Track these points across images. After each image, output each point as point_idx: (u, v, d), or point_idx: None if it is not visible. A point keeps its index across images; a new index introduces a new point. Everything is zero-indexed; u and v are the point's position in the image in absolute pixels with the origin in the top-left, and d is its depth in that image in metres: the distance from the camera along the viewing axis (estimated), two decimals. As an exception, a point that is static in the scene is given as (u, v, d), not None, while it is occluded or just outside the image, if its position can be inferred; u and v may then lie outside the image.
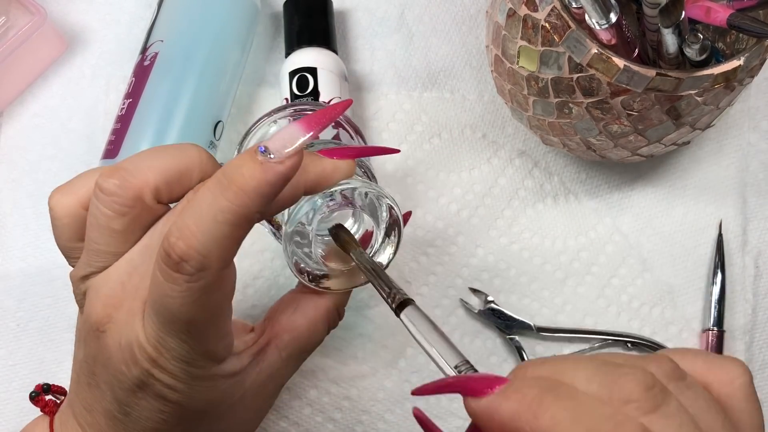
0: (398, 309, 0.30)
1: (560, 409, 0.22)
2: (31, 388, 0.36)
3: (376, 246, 0.36)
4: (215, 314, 0.29)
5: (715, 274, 0.47)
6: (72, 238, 0.31)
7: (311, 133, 0.27)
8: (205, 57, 0.46)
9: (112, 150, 0.44)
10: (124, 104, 0.45)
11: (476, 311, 0.46)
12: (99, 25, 0.51)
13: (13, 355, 0.46)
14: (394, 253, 0.36)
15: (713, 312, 0.46)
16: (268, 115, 0.38)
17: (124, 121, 0.44)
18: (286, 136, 0.27)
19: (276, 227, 0.36)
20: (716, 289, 0.47)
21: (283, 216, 0.34)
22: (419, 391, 0.25)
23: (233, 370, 0.31)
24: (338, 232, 0.35)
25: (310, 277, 0.35)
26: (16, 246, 0.47)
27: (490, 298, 0.46)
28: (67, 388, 0.36)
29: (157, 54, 0.45)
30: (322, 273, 0.35)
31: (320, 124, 0.28)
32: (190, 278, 0.26)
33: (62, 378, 0.45)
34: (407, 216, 0.36)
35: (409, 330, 0.29)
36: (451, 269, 0.47)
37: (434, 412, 0.45)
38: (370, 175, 0.37)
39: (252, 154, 0.26)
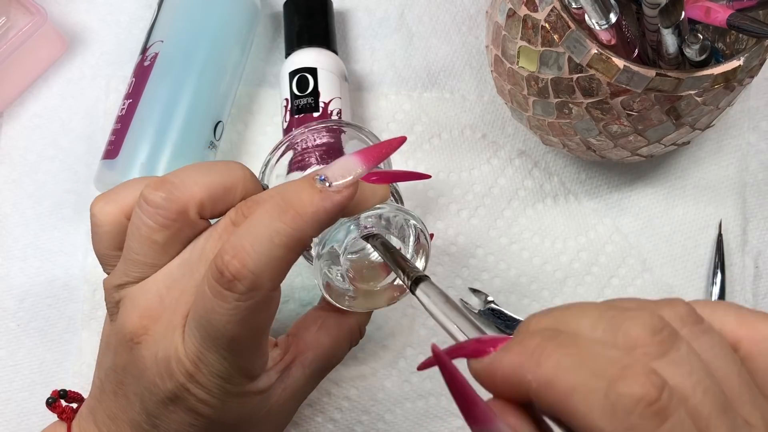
0: (413, 285, 0.30)
1: (563, 356, 0.21)
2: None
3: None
4: (258, 334, 0.29)
5: (714, 274, 0.47)
6: (111, 246, 0.32)
7: (368, 166, 0.28)
8: (205, 57, 0.46)
9: (111, 150, 0.44)
10: (124, 105, 0.45)
11: (476, 311, 0.46)
12: (99, 25, 0.51)
13: (13, 356, 0.46)
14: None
15: None
16: (291, 138, 0.39)
17: (124, 122, 0.44)
18: (344, 167, 0.28)
19: (306, 247, 0.36)
20: (716, 289, 0.47)
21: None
22: (425, 365, 0.25)
23: (264, 387, 0.32)
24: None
25: (337, 296, 0.35)
26: (16, 246, 0.47)
27: (490, 298, 0.47)
28: (81, 393, 0.36)
29: (157, 54, 0.45)
30: (348, 292, 0.35)
31: (377, 158, 0.29)
32: (240, 297, 0.27)
33: (62, 378, 0.45)
34: (431, 237, 0.36)
35: (424, 305, 0.29)
36: (451, 269, 0.47)
37: (434, 412, 0.46)
38: (397, 197, 0.38)
39: (311, 182, 0.28)
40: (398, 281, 0.36)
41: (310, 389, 0.35)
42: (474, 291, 0.47)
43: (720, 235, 0.48)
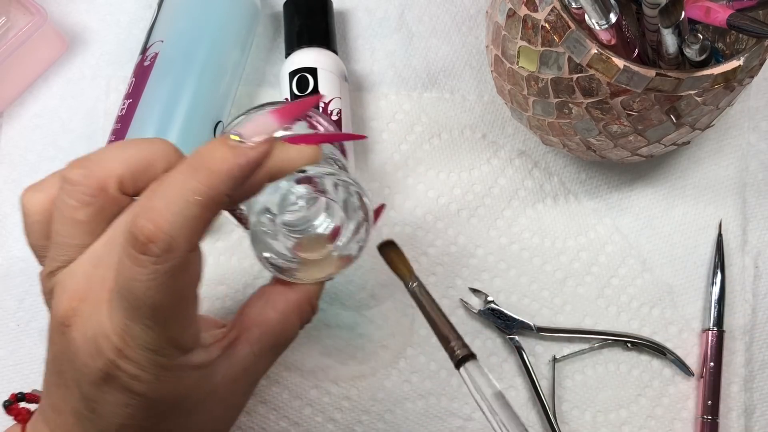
0: (458, 364, 0.31)
1: None
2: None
3: (345, 240, 0.35)
4: (181, 300, 0.28)
5: (714, 274, 0.47)
6: (42, 236, 0.31)
7: (282, 123, 0.29)
8: (205, 57, 0.46)
9: (112, 150, 0.44)
10: (124, 105, 0.45)
11: (476, 311, 0.46)
12: (99, 25, 0.51)
13: (13, 355, 0.46)
14: (360, 248, 0.35)
15: (713, 312, 0.46)
16: (245, 113, 0.38)
17: (124, 122, 0.44)
18: (258, 124, 0.28)
19: (244, 222, 0.35)
20: (716, 289, 0.47)
21: (249, 208, 0.34)
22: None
23: (201, 362, 0.31)
24: (389, 252, 0.35)
25: (280, 268, 0.34)
26: (16, 246, 0.47)
27: (490, 298, 0.47)
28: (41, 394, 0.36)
29: (157, 54, 0.45)
30: (293, 264, 0.34)
31: (291, 115, 0.30)
32: (157, 260, 0.26)
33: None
34: (380, 209, 0.35)
35: (468, 388, 0.29)
36: (451, 269, 0.47)
37: (434, 412, 0.46)
38: (341, 165, 0.36)
39: (224, 139, 0.27)
40: (346, 252, 0.35)
41: (263, 369, 0.34)
42: (474, 291, 0.47)
43: (720, 235, 0.48)
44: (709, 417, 0.45)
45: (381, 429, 0.45)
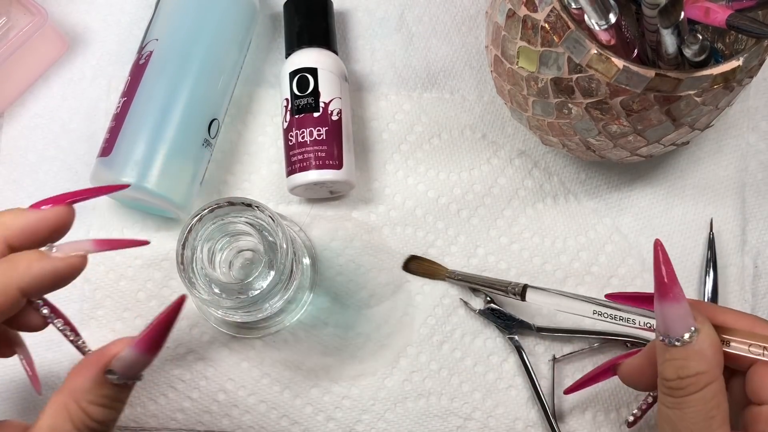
0: (521, 296, 0.42)
1: None
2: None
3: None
4: None
5: (706, 273, 0.47)
6: None
7: (98, 250, 0.34)
8: (201, 56, 0.46)
9: (106, 148, 0.44)
10: (119, 103, 0.45)
11: (476, 311, 0.47)
12: (100, 25, 0.51)
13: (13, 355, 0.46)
14: None
15: None
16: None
17: (118, 120, 0.44)
18: (75, 244, 0.33)
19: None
20: (708, 287, 0.47)
21: None
22: (574, 388, 0.36)
23: None
24: (416, 265, 0.47)
25: None
26: (16, 246, 0.47)
27: (490, 298, 0.47)
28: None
29: (151, 52, 0.45)
30: None
31: (111, 246, 0.34)
32: None
33: (61, 377, 0.45)
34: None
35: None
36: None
37: (434, 411, 0.46)
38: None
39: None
40: None
41: None
42: (474, 291, 0.47)
43: (711, 233, 0.48)
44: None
45: (381, 428, 0.45)
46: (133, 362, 0.31)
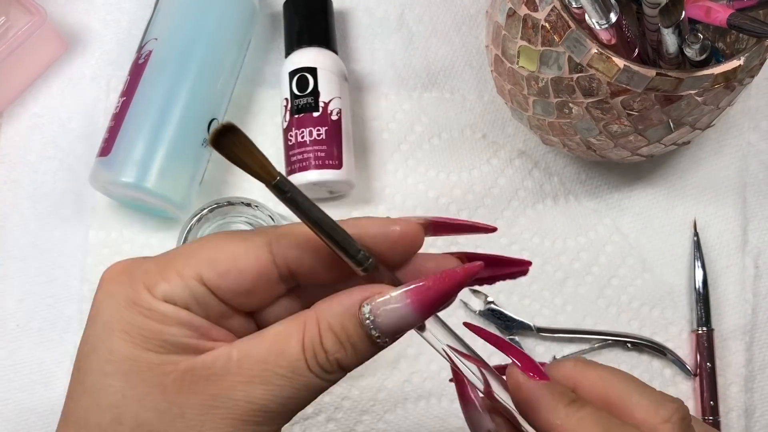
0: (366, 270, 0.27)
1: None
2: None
3: None
4: None
5: (695, 272, 0.47)
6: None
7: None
8: (200, 55, 0.46)
9: (105, 148, 0.44)
10: (118, 102, 0.45)
11: (476, 311, 0.46)
12: (99, 25, 0.51)
13: (13, 356, 0.46)
14: None
15: (697, 312, 0.46)
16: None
17: (117, 119, 0.44)
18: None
19: None
20: (699, 279, 0.47)
21: None
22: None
23: None
24: (231, 145, 0.23)
25: None
26: (16, 246, 0.47)
27: (490, 299, 0.46)
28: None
29: (151, 52, 0.45)
30: None
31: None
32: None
33: (61, 377, 0.45)
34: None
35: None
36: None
37: (434, 412, 0.45)
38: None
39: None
40: None
41: None
42: (474, 291, 0.47)
43: (696, 234, 0.48)
44: (710, 417, 0.45)
45: (381, 429, 0.45)
46: (394, 313, 0.25)
